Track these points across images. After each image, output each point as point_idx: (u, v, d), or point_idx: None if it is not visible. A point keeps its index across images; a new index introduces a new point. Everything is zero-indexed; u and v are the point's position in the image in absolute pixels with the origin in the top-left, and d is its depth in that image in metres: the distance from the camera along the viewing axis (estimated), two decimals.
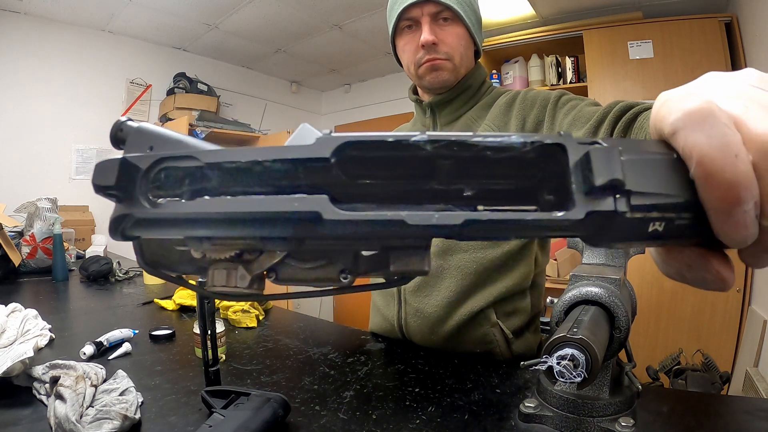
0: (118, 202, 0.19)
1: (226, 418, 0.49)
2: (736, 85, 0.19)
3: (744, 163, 0.16)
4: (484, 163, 0.17)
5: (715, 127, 0.16)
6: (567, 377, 0.43)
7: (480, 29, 0.89)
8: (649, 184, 0.16)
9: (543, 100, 0.81)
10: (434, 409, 0.58)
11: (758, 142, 0.16)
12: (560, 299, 0.57)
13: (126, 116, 0.22)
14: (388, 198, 0.18)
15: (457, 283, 0.82)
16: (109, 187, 0.19)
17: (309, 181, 0.17)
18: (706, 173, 0.16)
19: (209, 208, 0.18)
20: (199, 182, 0.18)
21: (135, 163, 0.19)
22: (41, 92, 2.76)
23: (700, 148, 0.16)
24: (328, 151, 0.17)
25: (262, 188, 0.18)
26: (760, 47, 1.96)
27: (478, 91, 0.91)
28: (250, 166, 0.18)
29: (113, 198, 0.19)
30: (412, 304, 0.85)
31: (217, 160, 0.18)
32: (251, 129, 3.34)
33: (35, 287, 1.40)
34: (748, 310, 2.04)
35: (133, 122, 0.22)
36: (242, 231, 0.18)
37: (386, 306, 0.91)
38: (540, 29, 2.69)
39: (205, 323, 0.60)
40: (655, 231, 0.17)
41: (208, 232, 0.18)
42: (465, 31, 0.84)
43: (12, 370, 0.61)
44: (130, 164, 0.19)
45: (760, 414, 0.56)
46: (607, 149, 0.17)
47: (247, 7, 2.64)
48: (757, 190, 0.16)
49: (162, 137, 0.21)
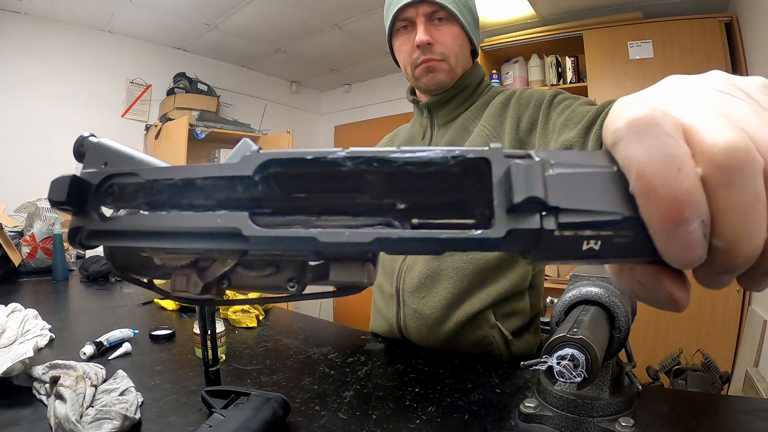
0: (74, 215, 0.21)
1: (226, 418, 0.49)
2: (697, 90, 0.17)
3: (689, 178, 0.14)
4: (412, 178, 0.17)
5: (657, 137, 0.15)
6: (567, 377, 0.43)
7: (477, 28, 0.88)
8: (581, 200, 0.15)
9: (538, 99, 0.81)
10: (434, 409, 0.58)
11: (709, 153, 0.14)
12: (560, 299, 0.57)
13: (89, 132, 0.24)
14: (325, 211, 0.18)
15: (454, 284, 0.81)
16: (62, 202, 0.20)
17: (237, 197, 0.18)
18: (644, 189, 0.14)
19: (146, 222, 0.19)
20: (145, 197, 0.20)
21: (86, 180, 0.21)
22: (41, 92, 2.76)
23: (639, 161, 0.15)
24: (251, 169, 0.18)
25: (199, 203, 0.19)
26: (760, 47, 1.96)
27: (476, 91, 0.90)
28: (184, 183, 0.19)
29: (68, 212, 0.21)
30: (410, 306, 0.85)
31: (155, 177, 0.20)
32: (251, 129, 3.34)
33: (35, 287, 1.40)
34: (748, 310, 2.04)
35: (94, 138, 0.24)
36: (177, 243, 0.19)
37: (386, 307, 0.91)
38: (540, 29, 2.69)
39: (205, 323, 0.60)
40: (590, 249, 0.16)
41: (149, 243, 0.20)
42: (461, 31, 0.84)
43: (12, 370, 0.61)
44: (80, 181, 0.21)
45: (760, 414, 0.56)
46: (529, 164, 0.16)
47: (247, 7, 2.64)
48: (705, 207, 0.14)
49: (117, 153, 0.22)
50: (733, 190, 0.14)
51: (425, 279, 0.83)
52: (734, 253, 0.15)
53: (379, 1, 0.90)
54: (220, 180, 0.19)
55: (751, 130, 0.15)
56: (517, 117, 0.81)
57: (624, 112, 0.16)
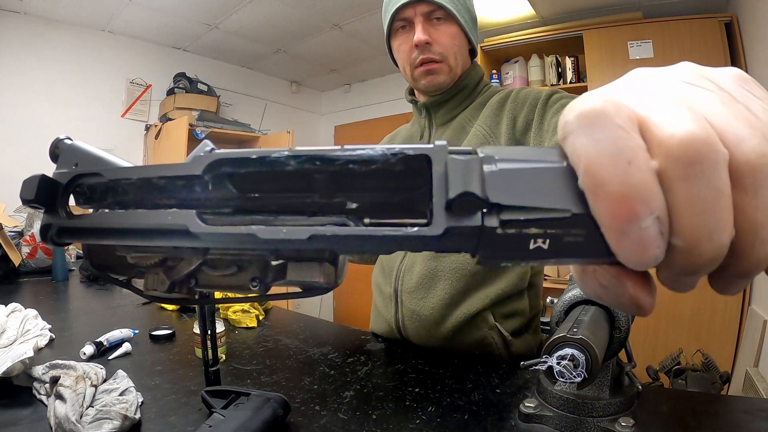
0: (45, 213, 0.22)
1: (226, 418, 0.49)
2: (663, 82, 0.16)
3: (640, 172, 0.13)
4: (357, 176, 0.17)
5: (606, 129, 0.14)
6: (567, 377, 0.43)
7: (475, 28, 0.88)
8: (527, 196, 0.15)
9: (534, 99, 0.81)
10: (434, 409, 0.58)
11: (666, 146, 0.13)
12: (560, 299, 0.57)
13: (65, 135, 0.25)
14: (282, 211, 0.19)
15: (452, 284, 0.81)
16: (31, 200, 0.21)
17: (191, 197, 0.19)
18: (592, 183, 0.14)
19: (106, 220, 0.20)
20: (113, 197, 0.21)
21: (55, 180, 0.22)
22: (41, 92, 2.76)
23: (587, 155, 0.14)
24: (200, 169, 0.18)
25: (161, 202, 0.20)
26: (760, 47, 1.96)
27: (474, 91, 0.91)
28: (142, 183, 0.20)
29: (39, 209, 0.22)
30: (408, 306, 0.85)
31: (116, 177, 0.20)
32: (251, 129, 3.34)
33: (35, 287, 1.40)
34: (748, 310, 2.04)
35: (68, 140, 0.25)
36: (134, 240, 0.20)
37: (385, 307, 0.91)
38: (540, 29, 2.69)
39: (205, 323, 0.60)
40: (538, 249, 0.15)
41: (111, 240, 0.21)
42: (459, 30, 0.84)
43: (12, 370, 0.61)
44: (49, 180, 0.22)
45: (760, 414, 0.56)
46: (466, 160, 0.15)
47: (247, 7, 2.64)
48: (661, 202, 0.13)
49: (87, 155, 0.23)
50: (692, 184, 0.13)
51: (423, 279, 0.83)
52: (695, 252, 0.14)
53: (379, 1, 0.90)
54: (175, 179, 0.19)
55: (717, 122, 0.14)
56: (513, 117, 0.82)
57: (576, 106, 0.15)
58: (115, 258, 0.27)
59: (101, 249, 0.28)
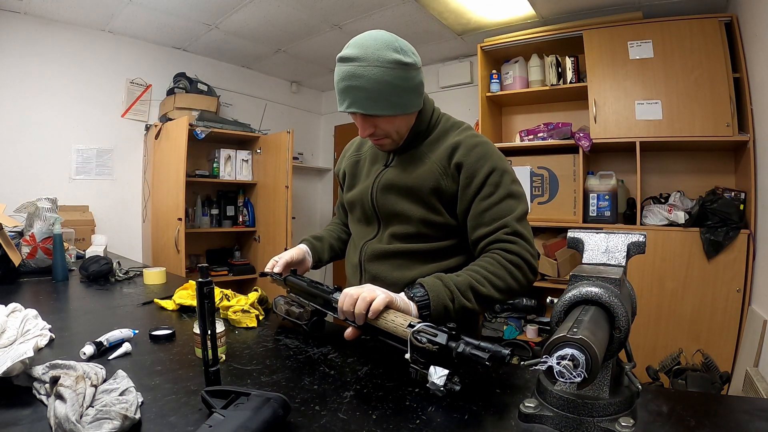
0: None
1: (226, 418, 0.49)
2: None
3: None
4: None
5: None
6: (567, 377, 0.43)
7: (416, 96, 0.91)
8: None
9: (471, 170, 0.89)
10: (434, 409, 0.58)
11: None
12: (560, 299, 0.57)
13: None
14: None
15: (405, 257, 0.96)
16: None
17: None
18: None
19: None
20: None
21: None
22: (41, 92, 2.76)
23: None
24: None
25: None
26: (760, 47, 1.96)
27: (428, 128, 0.98)
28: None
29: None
30: (369, 272, 0.99)
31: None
32: (251, 129, 3.34)
33: (35, 287, 1.40)
34: (748, 310, 2.04)
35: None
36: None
37: (353, 275, 1.05)
38: (540, 29, 2.69)
39: (205, 323, 0.60)
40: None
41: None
42: (395, 116, 0.90)
43: (12, 370, 0.61)
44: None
45: (760, 414, 0.56)
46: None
47: (247, 7, 2.65)
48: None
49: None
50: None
51: (381, 253, 0.98)
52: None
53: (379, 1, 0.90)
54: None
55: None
56: (456, 169, 0.91)
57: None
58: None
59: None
